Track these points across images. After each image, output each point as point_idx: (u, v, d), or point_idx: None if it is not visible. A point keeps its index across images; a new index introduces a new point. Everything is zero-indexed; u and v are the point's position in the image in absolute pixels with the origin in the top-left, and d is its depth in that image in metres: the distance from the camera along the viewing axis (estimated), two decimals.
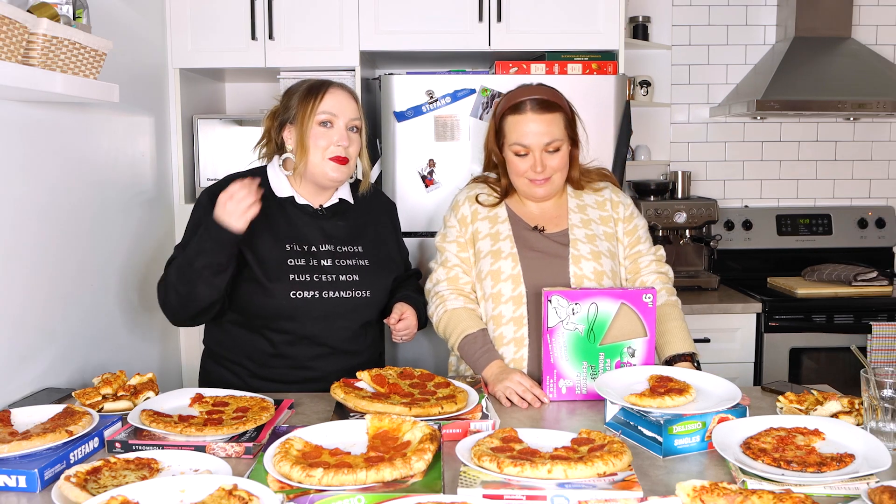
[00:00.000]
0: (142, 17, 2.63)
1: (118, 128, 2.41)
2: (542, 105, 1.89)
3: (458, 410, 1.56)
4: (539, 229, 1.96)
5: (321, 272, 1.87)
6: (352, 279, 1.89)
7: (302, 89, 1.88)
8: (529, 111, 1.89)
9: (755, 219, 3.55)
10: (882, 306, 3.03)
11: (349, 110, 1.87)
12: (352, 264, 1.91)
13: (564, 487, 1.20)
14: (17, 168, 1.82)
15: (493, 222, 1.97)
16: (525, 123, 1.89)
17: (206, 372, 2.00)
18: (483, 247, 1.95)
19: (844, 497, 1.23)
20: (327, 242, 1.91)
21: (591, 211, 1.99)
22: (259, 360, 1.89)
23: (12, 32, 1.47)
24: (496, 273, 1.91)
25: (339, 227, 1.94)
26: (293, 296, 1.83)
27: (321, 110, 1.84)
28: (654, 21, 3.48)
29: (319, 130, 1.84)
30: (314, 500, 1.16)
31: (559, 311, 1.73)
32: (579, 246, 1.93)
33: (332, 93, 1.86)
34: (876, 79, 3.24)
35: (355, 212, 1.98)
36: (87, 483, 1.23)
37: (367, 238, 1.97)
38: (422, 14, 2.85)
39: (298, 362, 1.88)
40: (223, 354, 1.94)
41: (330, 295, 1.86)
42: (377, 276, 1.94)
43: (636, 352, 1.76)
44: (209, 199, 1.81)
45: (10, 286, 1.78)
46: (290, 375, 1.88)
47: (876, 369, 1.44)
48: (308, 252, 1.88)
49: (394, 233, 2.08)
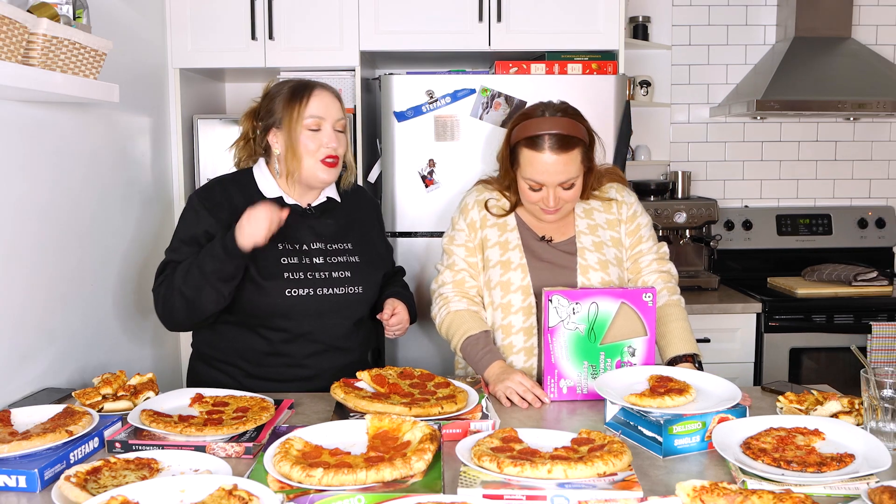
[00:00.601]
0: (142, 17, 2.63)
1: (118, 128, 2.41)
2: (560, 143, 1.80)
3: (458, 410, 1.56)
4: (547, 240, 1.96)
5: (314, 270, 1.88)
6: (344, 276, 1.90)
7: (284, 93, 1.87)
8: (547, 149, 1.80)
9: (755, 219, 3.55)
10: (882, 306, 3.03)
11: (334, 111, 1.88)
12: (343, 261, 1.92)
13: (564, 487, 1.20)
14: (17, 168, 1.82)
15: (503, 230, 1.96)
16: (541, 162, 1.81)
17: (195, 374, 1.98)
18: (492, 255, 1.95)
19: (844, 497, 1.23)
20: (318, 241, 1.92)
21: (597, 215, 1.99)
22: (254, 360, 1.89)
23: (12, 32, 1.47)
24: (506, 284, 1.92)
25: (329, 226, 1.95)
26: (288, 294, 1.84)
27: (308, 115, 1.84)
28: (654, 21, 3.48)
29: (308, 135, 1.84)
30: (314, 500, 1.16)
31: (560, 311, 1.73)
32: (587, 255, 1.93)
33: (316, 95, 1.86)
34: (876, 79, 3.24)
35: (342, 210, 2.00)
36: (87, 483, 1.23)
37: (355, 235, 1.98)
38: (422, 14, 2.85)
39: (294, 360, 1.89)
40: (215, 356, 1.93)
41: (324, 292, 1.87)
42: (368, 273, 1.95)
43: (636, 351, 1.76)
44: (199, 199, 1.88)
45: (10, 286, 1.78)
46: (285, 373, 1.88)
47: (876, 369, 1.44)
48: (300, 251, 1.89)
49: (379, 229, 2.10)
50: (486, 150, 2.76)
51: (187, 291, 1.76)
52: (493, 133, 2.74)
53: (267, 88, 1.95)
